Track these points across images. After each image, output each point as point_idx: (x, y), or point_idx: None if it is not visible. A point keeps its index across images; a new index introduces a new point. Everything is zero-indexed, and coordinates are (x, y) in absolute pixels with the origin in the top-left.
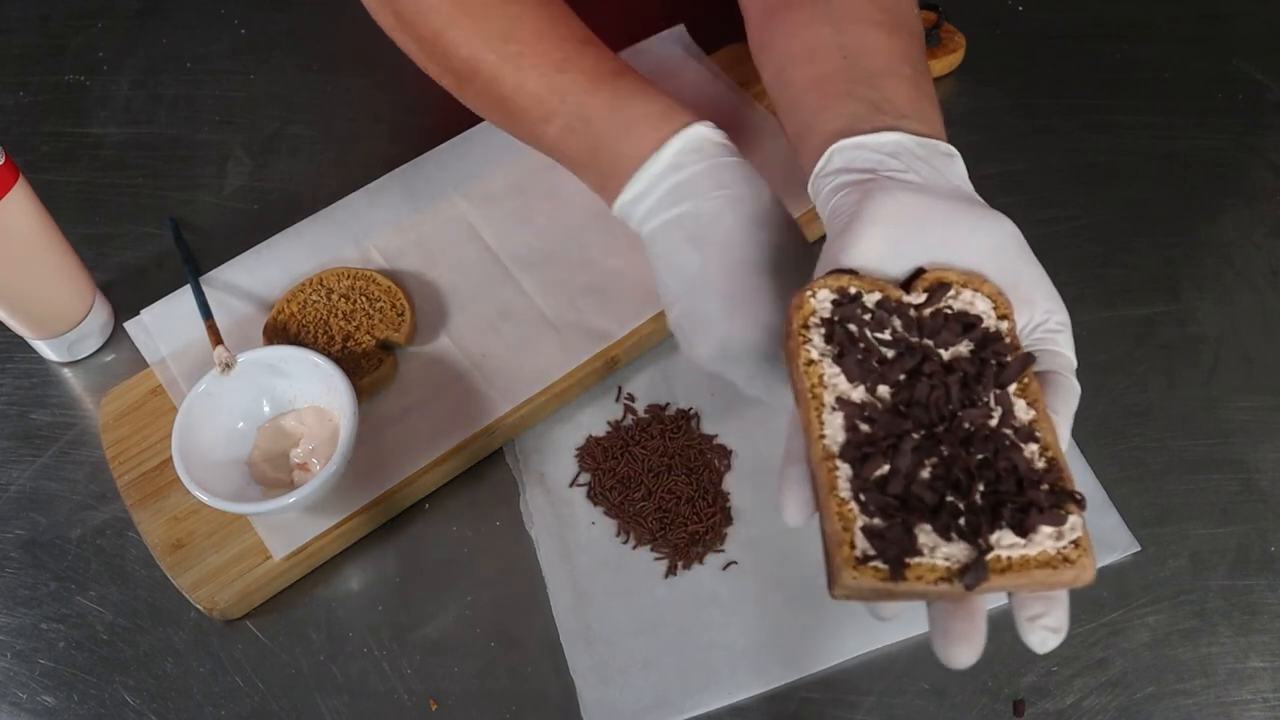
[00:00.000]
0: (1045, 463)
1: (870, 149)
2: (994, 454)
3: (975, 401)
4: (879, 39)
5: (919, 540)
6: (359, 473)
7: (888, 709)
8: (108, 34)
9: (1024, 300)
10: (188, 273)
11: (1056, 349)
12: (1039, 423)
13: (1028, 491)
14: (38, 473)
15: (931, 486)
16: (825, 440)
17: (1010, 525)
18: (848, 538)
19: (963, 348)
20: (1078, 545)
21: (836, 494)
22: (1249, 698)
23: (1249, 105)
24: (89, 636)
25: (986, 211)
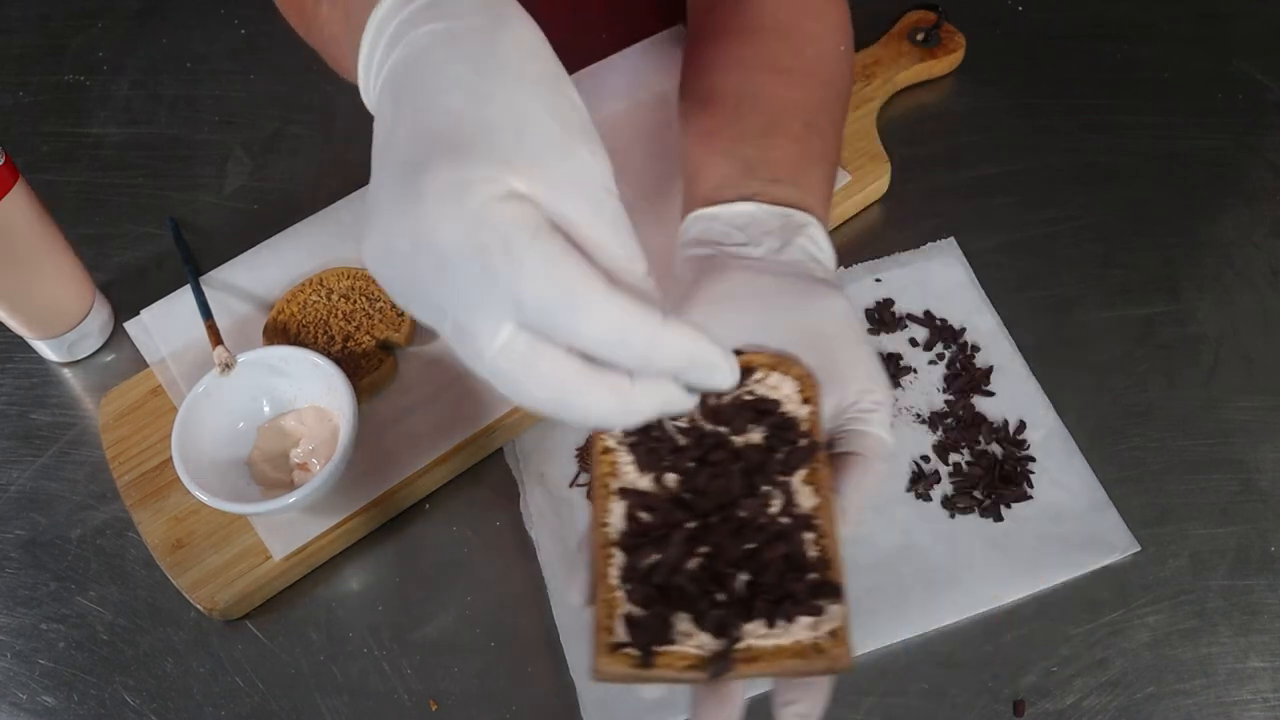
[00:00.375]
0: (819, 551)
1: (722, 220)
2: (763, 544)
3: (755, 490)
4: (779, 90)
5: (676, 629)
6: (359, 473)
7: (888, 709)
8: (108, 34)
9: (837, 381)
10: (188, 273)
11: (865, 429)
12: (821, 510)
13: (787, 583)
14: (38, 473)
15: (695, 577)
16: (607, 528)
17: (763, 616)
18: (609, 624)
19: (756, 435)
20: (834, 635)
21: (607, 581)
22: (1249, 698)
23: (1249, 105)
24: (89, 636)
25: (815, 289)
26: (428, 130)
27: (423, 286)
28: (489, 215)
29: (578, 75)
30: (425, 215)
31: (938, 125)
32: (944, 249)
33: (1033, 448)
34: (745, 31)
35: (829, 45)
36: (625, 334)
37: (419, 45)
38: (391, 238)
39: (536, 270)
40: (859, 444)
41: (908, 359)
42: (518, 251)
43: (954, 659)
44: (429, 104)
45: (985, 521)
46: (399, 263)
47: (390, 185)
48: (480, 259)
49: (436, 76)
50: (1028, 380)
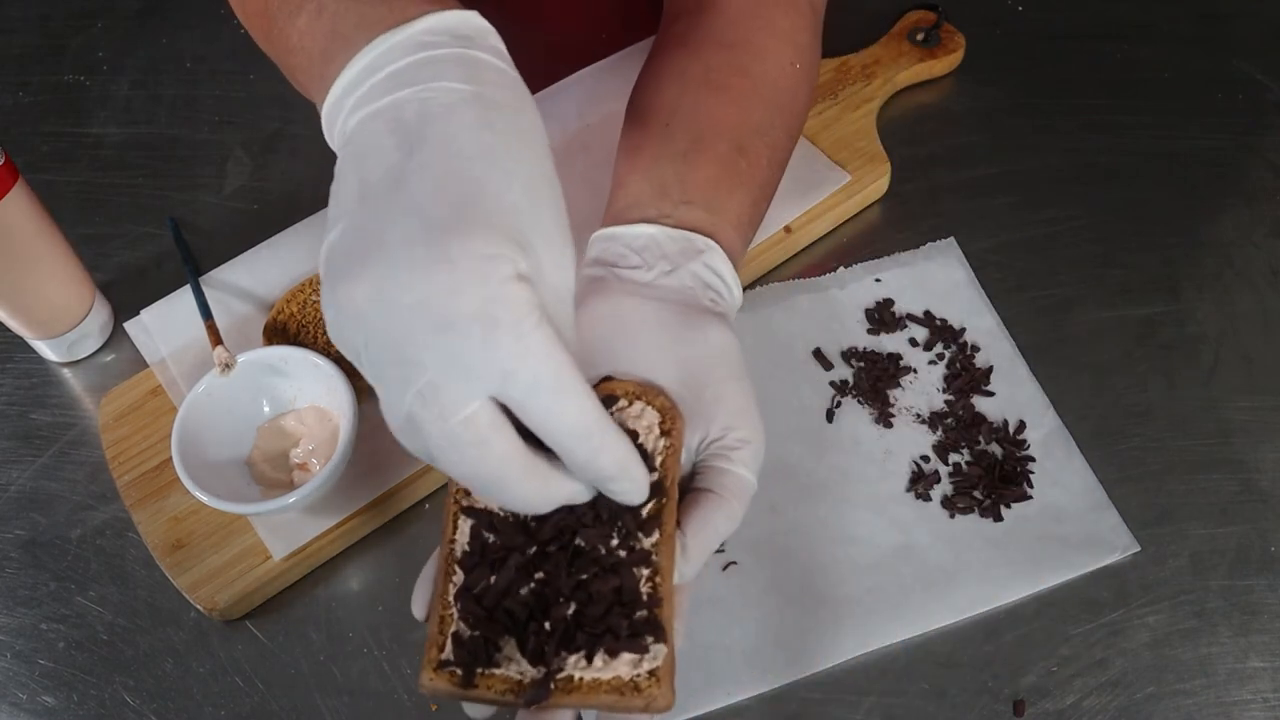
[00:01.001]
0: (650, 588)
1: (620, 241)
2: (595, 576)
3: (596, 521)
4: (714, 107)
5: (502, 652)
6: (359, 473)
7: (888, 709)
8: (108, 34)
9: (702, 415)
10: (188, 273)
11: (726, 466)
12: (661, 547)
13: (613, 618)
14: (38, 473)
15: (526, 603)
16: (453, 545)
17: (583, 649)
18: (440, 640)
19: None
20: (654, 675)
21: (445, 598)
22: (1249, 698)
23: (1249, 105)
24: (89, 636)
25: (697, 319)
26: (454, 192)
27: (410, 342)
28: (505, 293)
29: (578, 75)
30: (450, 279)
31: (938, 125)
32: (944, 249)
33: (1033, 448)
34: (693, 45)
35: (780, 63)
36: (590, 428)
37: (442, 99)
38: (397, 289)
39: (539, 351)
40: (716, 481)
41: (908, 359)
42: (526, 330)
43: (954, 659)
44: (458, 166)
45: (985, 521)
46: (395, 314)
47: (407, 237)
48: (487, 330)
49: (464, 140)
50: (1028, 380)
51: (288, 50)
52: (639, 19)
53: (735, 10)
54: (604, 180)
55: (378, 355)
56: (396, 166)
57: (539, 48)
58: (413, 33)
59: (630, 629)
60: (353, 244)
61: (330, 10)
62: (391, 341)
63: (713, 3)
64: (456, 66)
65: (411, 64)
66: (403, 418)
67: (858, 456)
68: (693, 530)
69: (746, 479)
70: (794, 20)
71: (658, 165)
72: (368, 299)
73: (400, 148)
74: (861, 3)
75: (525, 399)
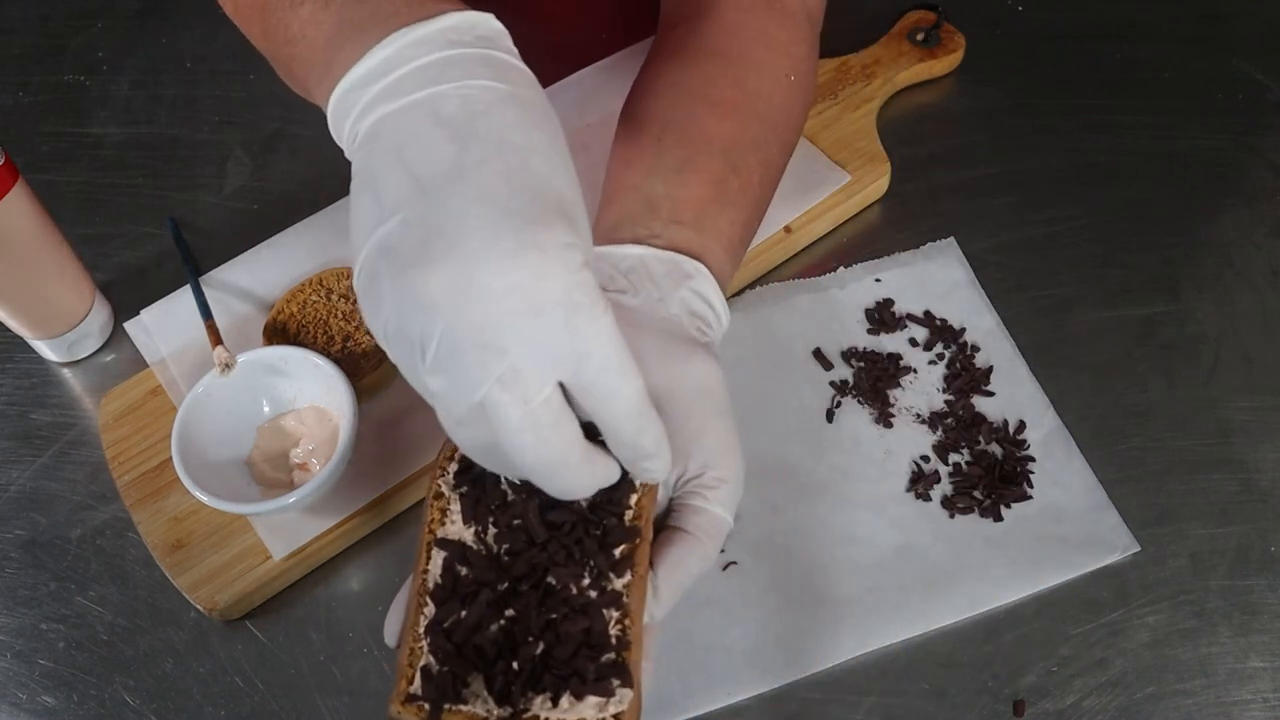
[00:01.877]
0: (619, 631)
1: (609, 262)
2: (565, 616)
3: (568, 560)
4: (708, 121)
5: (469, 689)
6: (359, 473)
7: (888, 709)
8: (108, 34)
9: (682, 452)
10: (188, 273)
11: (701, 505)
12: (632, 589)
13: (580, 659)
14: (38, 473)
15: (495, 640)
16: (426, 575)
17: (549, 690)
18: (409, 674)
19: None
20: (618, 718)
21: (415, 629)
22: (1249, 698)
23: (1249, 105)
24: (89, 636)
25: (682, 352)
26: (522, 184)
27: (495, 327)
28: (583, 279)
29: (578, 75)
30: (542, 267)
31: (938, 125)
32: (944, 249)
33: (1033, 448)
34: (688, 55)
35: (776, 76)
36: (641, 407)
37: (483, 96)
38: (486, 275)
39: (608, 334)
40: (689, 520)
41: (908, 359)
42: (598, 314)
43: (954, 659)
44: (518, 161)
45: (985, 521)
46: (478, 300)
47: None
48: (570, 314)
49: (516, 135)
50: (1028, 380)
51: (287, 40)
52: (638, 20)
53: (730, 20)
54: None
55: (453, 344)
56: (453, 160)
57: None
58: (437, 29)
59: (597, 672)
60: (420, 234)
61: (338, 2)
62: (474, 328)
63: (708, 12)
64: (486, 66)
65: (440, 60)
66: (472, 406)
67: (858, 456)
68: (665, 572)
69: (722, 518)
70: (790, 32)
71: (649, 181)
72: (448, 287)
73: (452, 141)
74: (861, 3)
75: (595, 379)
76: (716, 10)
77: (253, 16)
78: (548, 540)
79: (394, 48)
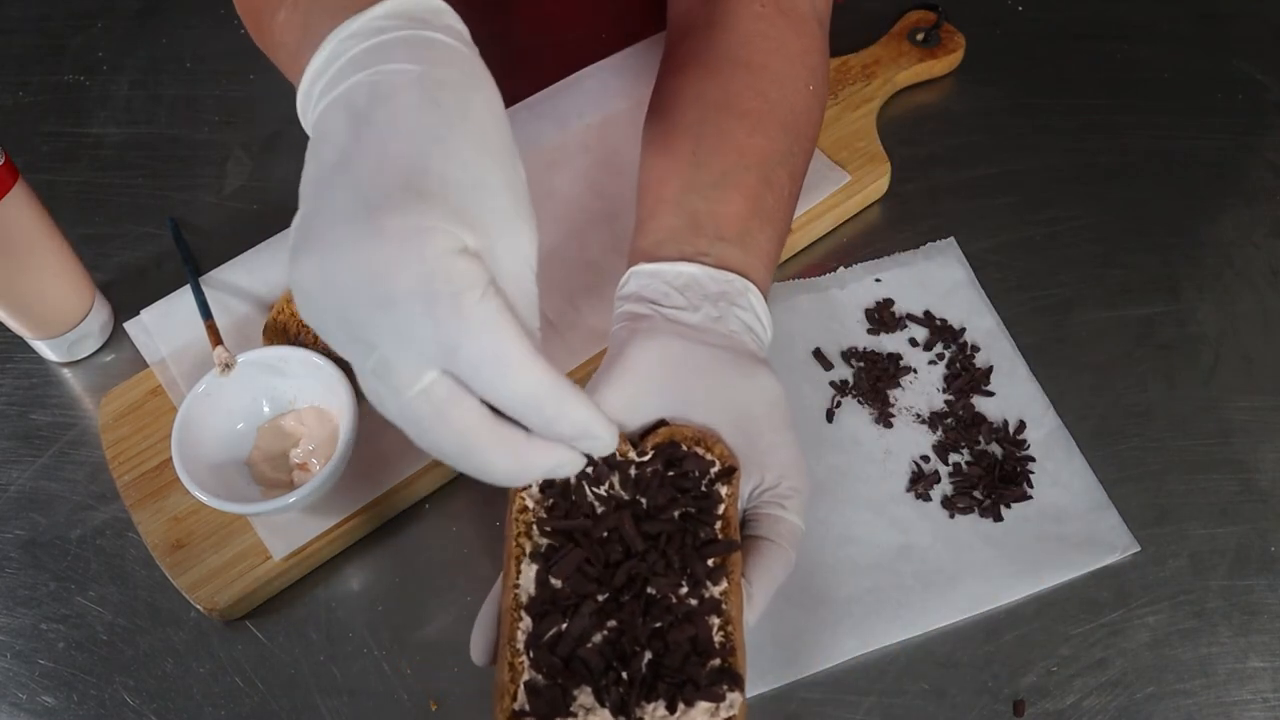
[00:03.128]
0: (723, 637)
1: (661, 279)
2: (670, 625)
3: (667, 569)
4: (737, 135)
5: (577, 701)
6: (359, 473)
7: (888, 709)
8: (108, 34)
9: (756, 464)
10: (188, 273)
11: (781, 514)
12: (729, 595)
13: (690, 667)
14: (38, 473)
15: (601, 651)
16: (518, 590)
17: (664, 698)
18: (511, 689)
19: (675, 511)
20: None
21: (513, 644)
22: (1249, 698)
23: (1249, 105)
24: (89, 636)
25: (747, 366)
26: (394, 169)
27: (357, 320)
28: (445, 267)
29: (578, 75)
30: (385, 254)
31: (938, 125)
32: (944, 249)
33: (1033, 448)
34: (711, 65)
35: (797, 86)
36: (540, 398)
37: (391, 81)
38: (337, 266)
39: (481, 326)
40: (772, 529)
41: (908, 359)
42: (467, 306)
43: (954, 659)
44: (398, 144)
45: (985, 521)
46: (337, 292)
47: (346, 214)
48: (428, 305)
49: (408, 119)
50: (1028, 380)
51: (273, 45)
52: (638, 20)
53: (747, 30)
54: (605, 180)
55: (335, 334)
56: (342, 150)
57: (539, 48)
58: (368, 19)
59: (708, 678)
60: (303, 227)
61: (304, 5)
62: (340, 320)
63: (722, 20)
64: (405, 48)
65: (366, 49)
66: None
67: (858, 456)
68: (757, 578)
69: (799, 527)
70: (805, 40)
71: (688, 197)
72: (313, 278)
73: (348, 130)
74: (861, 3)
75: (472, 374)
76: (732, 19)
77: (250, 21)
78: (646, 550)
79: (333, 44)
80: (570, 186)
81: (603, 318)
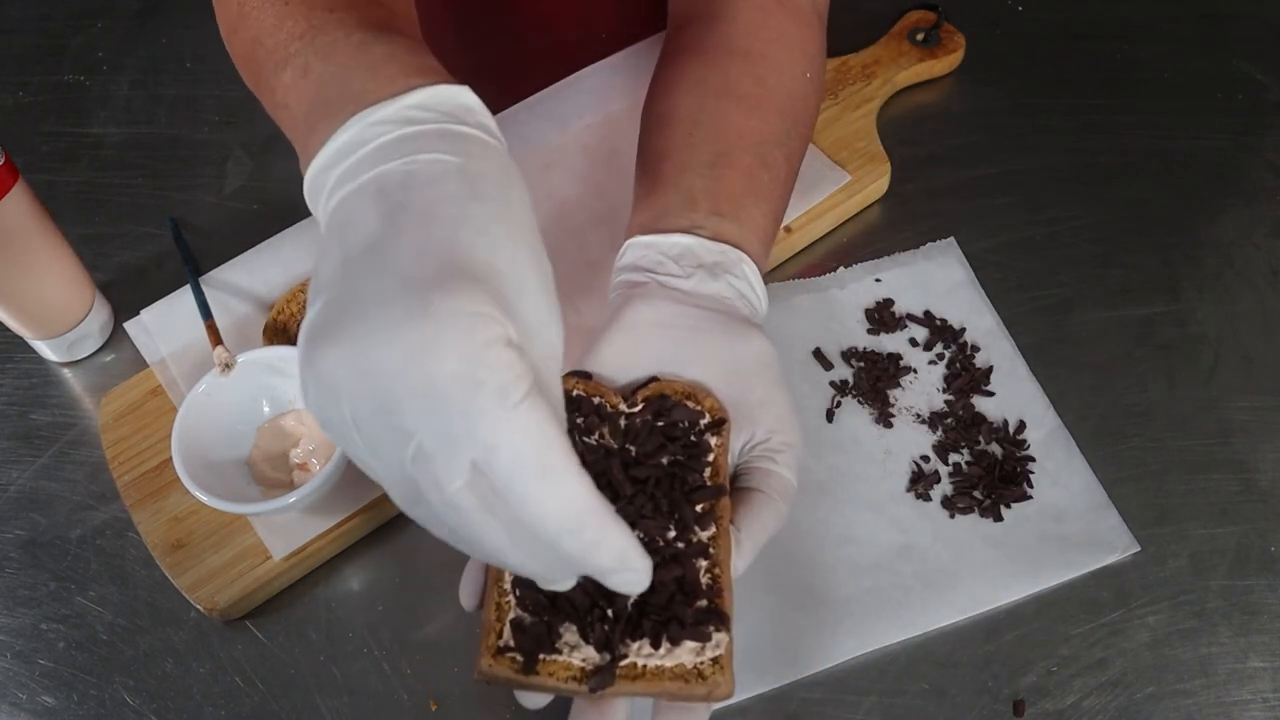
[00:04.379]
0: (710, 579)
1: (658, 249)
2: (657, 565)
3: (655, 513)
4: (735, 118)
5: (561, 639)
6: (359, 473)
7: (888, 709)
8: (108, 34)
9: (747, 418)
10: (188, 273)
11: (772, 468)
12: (717, 540)
13: (677, 606)
14: (38, 473)
15: (586, 589)
16: None
17: (649, 636)
18: (497, 627)
19: (663, 458)
20: (717, 662)
21: (500, 585)
22: (1249, 698)
23: (1249, 105)
24: (89, 636)
25: (738, 327)
26: (437, 254)
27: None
28: (492, 355)
29: (578, 75)
30: (430, 333)
31: (938, 125)
32: (944, 249)
33: (1033, 448)
34: (709, 53)
35: (794, 73)
36: (581, 519)
37: (430, 170)
38: (378, 349)
39: (525, 427)
40: (763, 481)
41: (908, 359)
42: (512, 401)
43: (954, 659)
44: (444, 231)
45: (985, 521)
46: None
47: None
48: (472, 394)
49: (449, 207)
50: (1028, 380)
51: (273, 105)
52: (638, 20)
53: (747, 20)
54: (605, 180)
55: (367, 426)
56: (375, 234)
57: (539, 47)
58: (400, 107)
59: (694, 617)
60: (329, 315)
61: (316, 73)
62: (377, 408)
63: (722, 12)
64: (443, 140)
65: (398, 138)
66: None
67: (858, 456)
68: (746, 525)
69: (790, 481)
70: (803, 31)
71: (684, 175)
72: (345, 366)
73: (381, 216)
74: (861, 3)
75: (507, 479)
76: (732, 11)
77: (246, 70)
78: (634, 495)
79: (357, 128)
80: (570, 186)
81: (602, 318)
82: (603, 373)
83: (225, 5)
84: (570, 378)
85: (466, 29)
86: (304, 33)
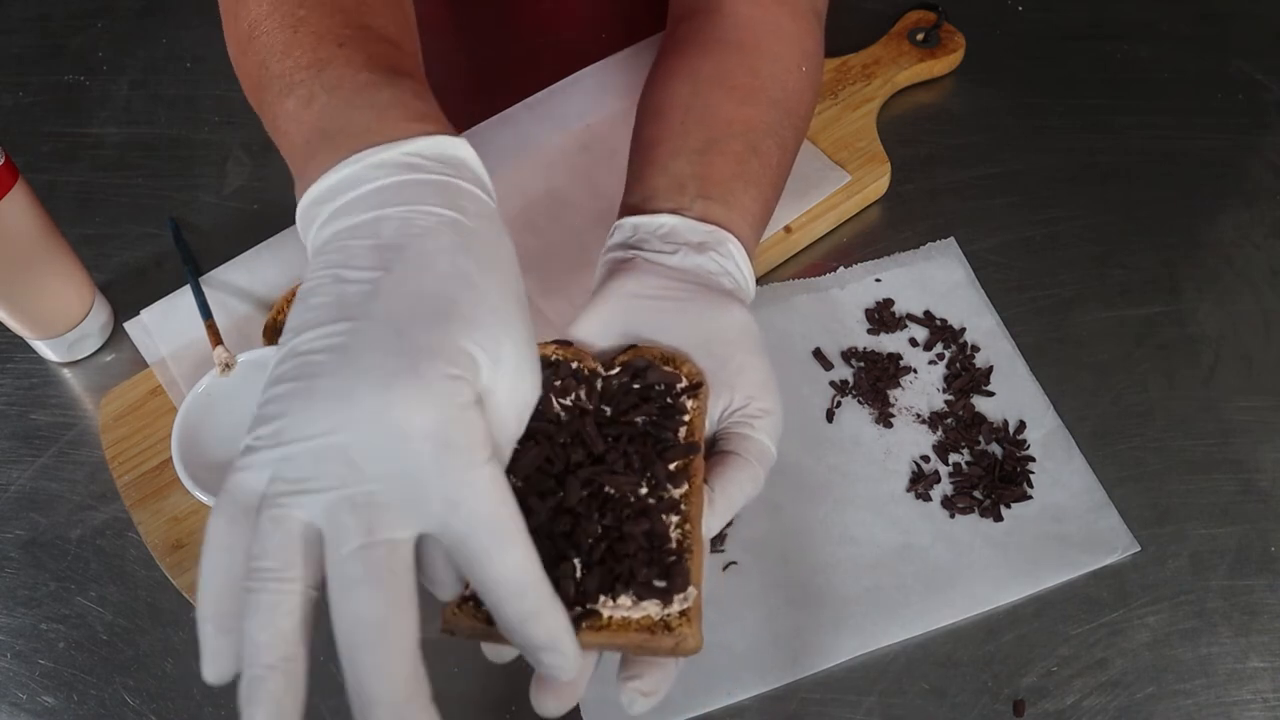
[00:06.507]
0: (680, 535)
1: (644, 229)
2: (626, 518)
3: (627, 469)
4: (726, 107)
5: None
6: None
7: (888, 709)
8: (108, 34)
9: (726, 385)
10: (188, 273)
11: (749, 433)
12: (690, 497)
13: (641, 558)
14: (38, 473)
15: (555, 541)
16: None
17: (612, 587)
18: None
19: (637, 418)
20: (685, 615)
21: None
22: (1249, 698)
23: (1249, 105)
24: (89, 637)
25: (720, 299)
26: (428, 308)
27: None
28: (465, 418)
29: (578, 75)
30: (414, 394)
31: (938, 125)
32: (944, 249)
33: (1033, 448)
34: (705, 45)
35: (789, 66)
36: (524, 584)
37: (425, 222)
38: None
39: (486, 489)
40: (740, 446)
41: (908, 359)
42: (477, 463)
43: (954, 659)
44: (432, 282)
45: (985, 521)
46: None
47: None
48: (440, 450)
49: (442, 260)
50: (1028, 380)
51: (274, 128)
52: (639, 20)
53: (744, 14)
54: (604, 180)
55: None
56: (372, 280)
57: (539, 48)
58: (401, 151)
59: (661, 571)
60: (322, 348)
61: (320, 104)
62: (340, 443)
63: (720, 6)
64: (440, 192)
65: (396, 184)
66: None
67: (858, 456)
68: (720, 486)
69: (768, 446)
70: (800, 25)
71: (674, 161)
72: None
73: (378, 263)
74: (861, 3)
75: (466, 535)
76: (729, 4)
77: (251, 91)
78: (606, 451)
79: (356, 167)
80: (570, 186)
81: None
82: (584, 340)
83: (236, 26)
84: (550, 344)
85: (466, 29)
86: (311, 64)
